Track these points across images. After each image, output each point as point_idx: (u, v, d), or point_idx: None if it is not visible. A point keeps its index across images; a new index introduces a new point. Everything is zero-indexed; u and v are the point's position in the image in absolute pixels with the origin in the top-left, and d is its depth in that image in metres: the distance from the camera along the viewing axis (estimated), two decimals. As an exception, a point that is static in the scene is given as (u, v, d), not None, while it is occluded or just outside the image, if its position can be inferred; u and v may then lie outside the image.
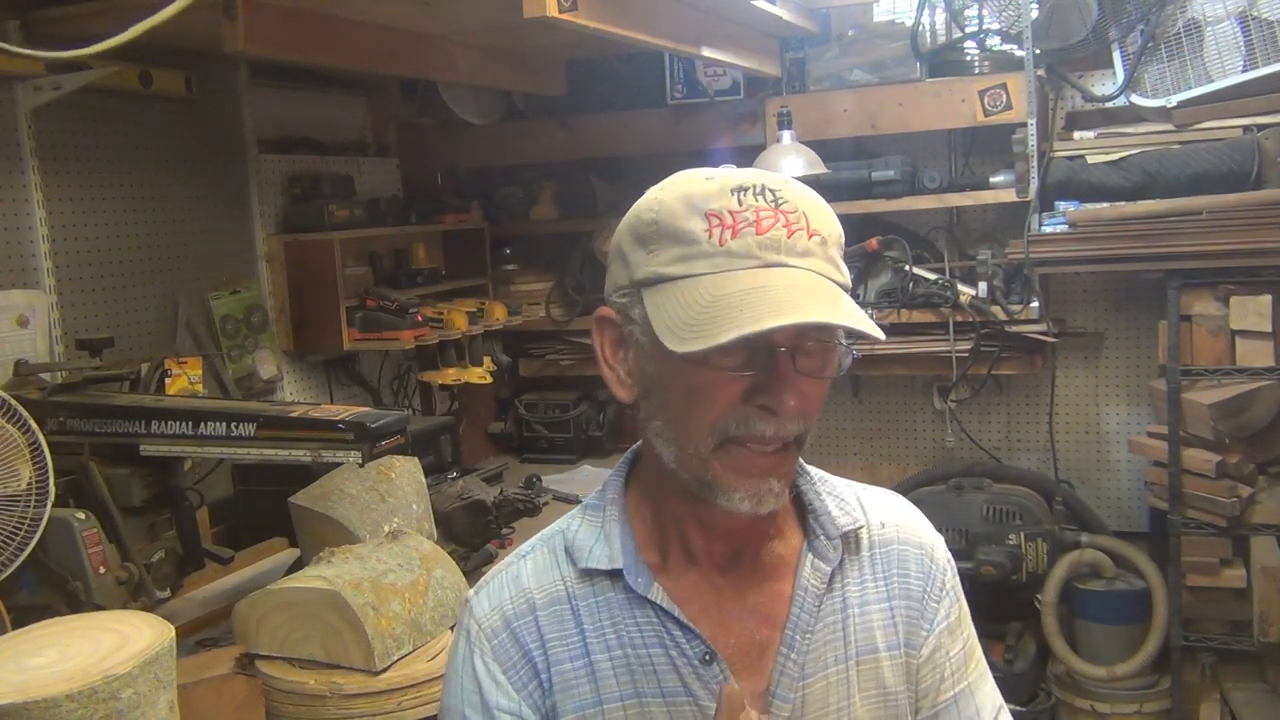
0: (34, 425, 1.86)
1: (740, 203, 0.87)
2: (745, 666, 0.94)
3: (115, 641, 1.44)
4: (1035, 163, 2.95)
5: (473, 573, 2.34)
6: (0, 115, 2.34)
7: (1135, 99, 3.01)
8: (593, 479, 3.36)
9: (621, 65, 3.51)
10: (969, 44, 3.18)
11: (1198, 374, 2.78)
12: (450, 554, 2.18)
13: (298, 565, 2.22)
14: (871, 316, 3.19)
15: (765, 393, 0.86)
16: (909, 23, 3.19)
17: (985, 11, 3.17)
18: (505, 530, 2.61)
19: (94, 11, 2.20)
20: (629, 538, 0.97)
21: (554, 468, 3.50)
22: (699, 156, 3.41)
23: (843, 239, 0.92)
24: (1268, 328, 2.66)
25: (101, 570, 1.90)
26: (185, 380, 2.48)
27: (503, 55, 3.11)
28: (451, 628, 1.97)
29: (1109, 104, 3.13)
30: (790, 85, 3.29)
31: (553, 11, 1.91)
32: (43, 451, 1.86)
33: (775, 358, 0.86)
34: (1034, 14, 2.99)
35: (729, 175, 0.90)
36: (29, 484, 1.83)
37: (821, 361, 0.89)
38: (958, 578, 1.06)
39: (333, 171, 3.28)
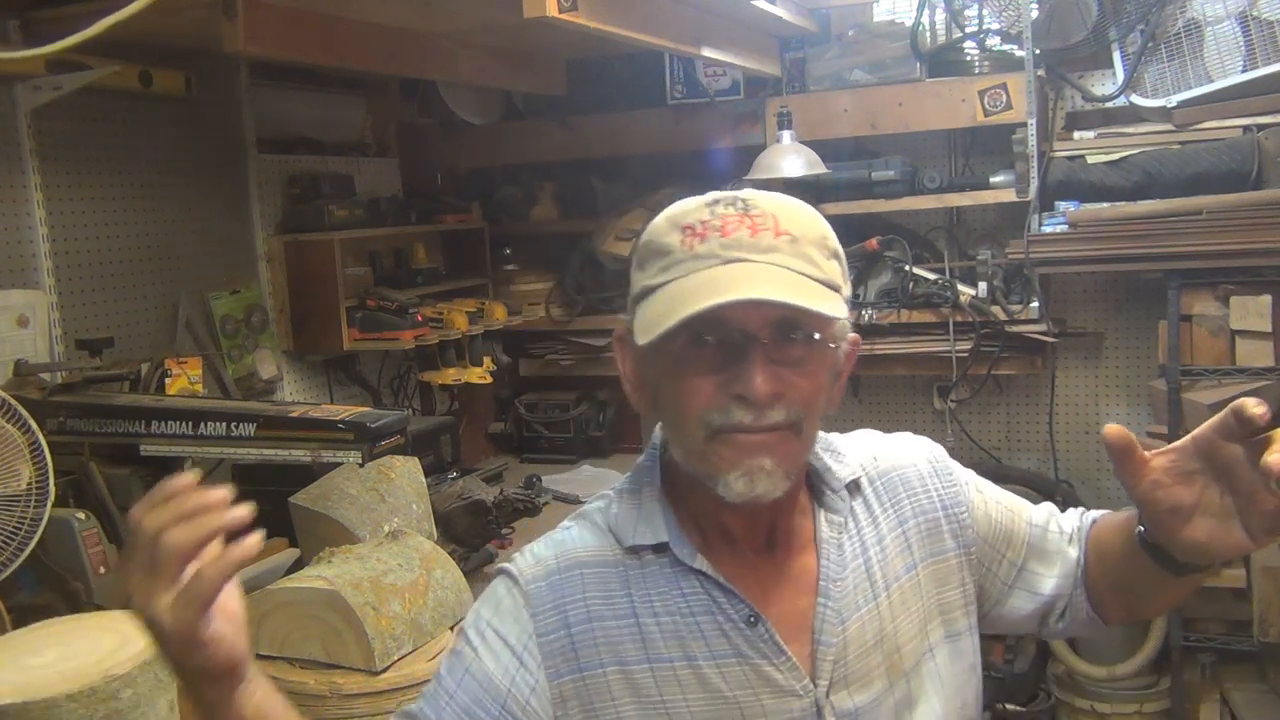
0: (34, 425, 1.86)
1: (712, 214, 0.94)
2: (790, 630, 0.98)
3: (115, 641, 1.44)
4: (1035, 163, 2.95)
5: (473, 573, 2.34)
6: (0, 115, 2.34)
7: (1135, 99, 3.01)
8: (593, 479, 3.36)
9: (621, 65, 3.51)
10: (969, 44, 3.18)
11: (1198, 374, 2.78)
12: (450, 554, 2.18)
13: (298, 565, 2.22)
14: (871, 316, 3.23)
15: (739, 381, 0.91)
16: (909, 23, 3.19)
17: (985, 11, 3.17)
18: (505, 530, 2.61)
19: (94, 11, 2.18)
20: (670, 516, 1.01)
21: (554, 468, 3.50)
22: (699, 156, 3.42)
23: (826, 238, 0.96)
24: (1268, 328, 2.66)
25: (101, 570, 1.90)
26: (185, 380, 2.48)
27: (503, 55, 3.11)
28: (452, 628, 1.97)
29: (1109, 104, 3.13)
30: (790, 85, 3.29)
31: (553, 11, 1.91)
32: (43, 451, 1.86)
33: (748, 348, 0.91)
34: (1034, 14, 2.99)
35: (712, 194, 0.97)
36: (29, 484, 1.83)
37: (803, 353, 0.93)
38: (949, 459, 1.14)
39: (333, 171, 3.28)
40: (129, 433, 2.04)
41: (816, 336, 0.93)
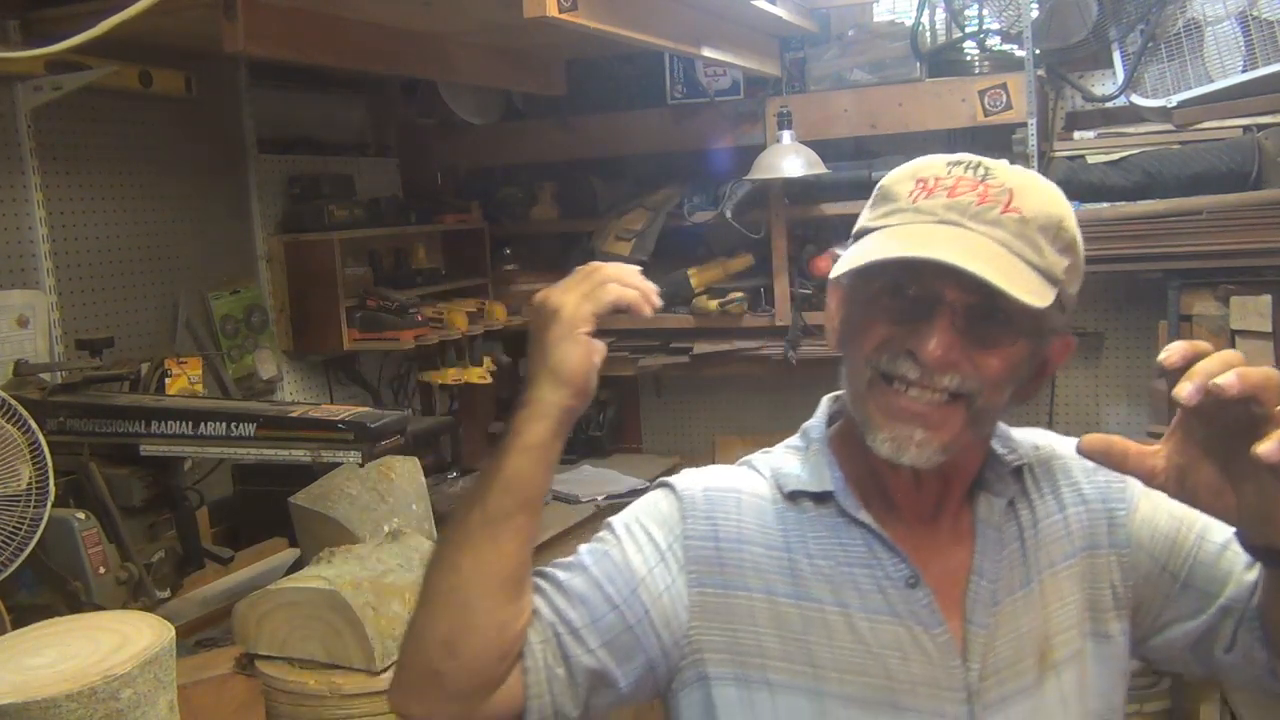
0: (34, 425, 1.86)
1: (948, 172, 0.93)
2: (945, 600, 0.96)
3: (115, 641, 1.44)
4: (1035, 163, 2.94)
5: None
6: (0, 115, 2.34)
7: (1135, 99, 3.01)
8: (593, 479, 3.36)
9: (621, 65, 3.51)
10: (969, 44, 3.18)
11: (1198, 374, 2.77)
12: (450, 554, 2.18)
13: (298, 565, 2.22)
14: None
15: (916, 337, 0.90)
16: (909, 23, 3.19)
17: (985, 11, 3.17)
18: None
19: (94, 11, 2.18)
20: (837, 470, 1.01)
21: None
22: (699, 156, 3.42)
23: (1063, 228, 0.93)
24: (1268, 328, 2.66)
25: (101, 570, 1.90)
26: (185, 380, 2.47)
27: (503, 55, 3.11)
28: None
29: (1109, 104, 3.13)
30: (790, 85, 3.28)
31: (553, 11, 1.91)
32: (43, 451, 1.86)
33: (936, 310, 0.90)
34: (1034, 14, 2.99)
35: (959, 155, 0.96)
36: (29, 484, 1.83)
37: (999, 334, 0.91)
38: None
39: (333, 171, 3.27)
40: (129, 433, 2.04)
41: (1018, 323, 0.91)
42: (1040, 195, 0.93)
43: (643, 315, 0.91)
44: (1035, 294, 0.88)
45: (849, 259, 0.92)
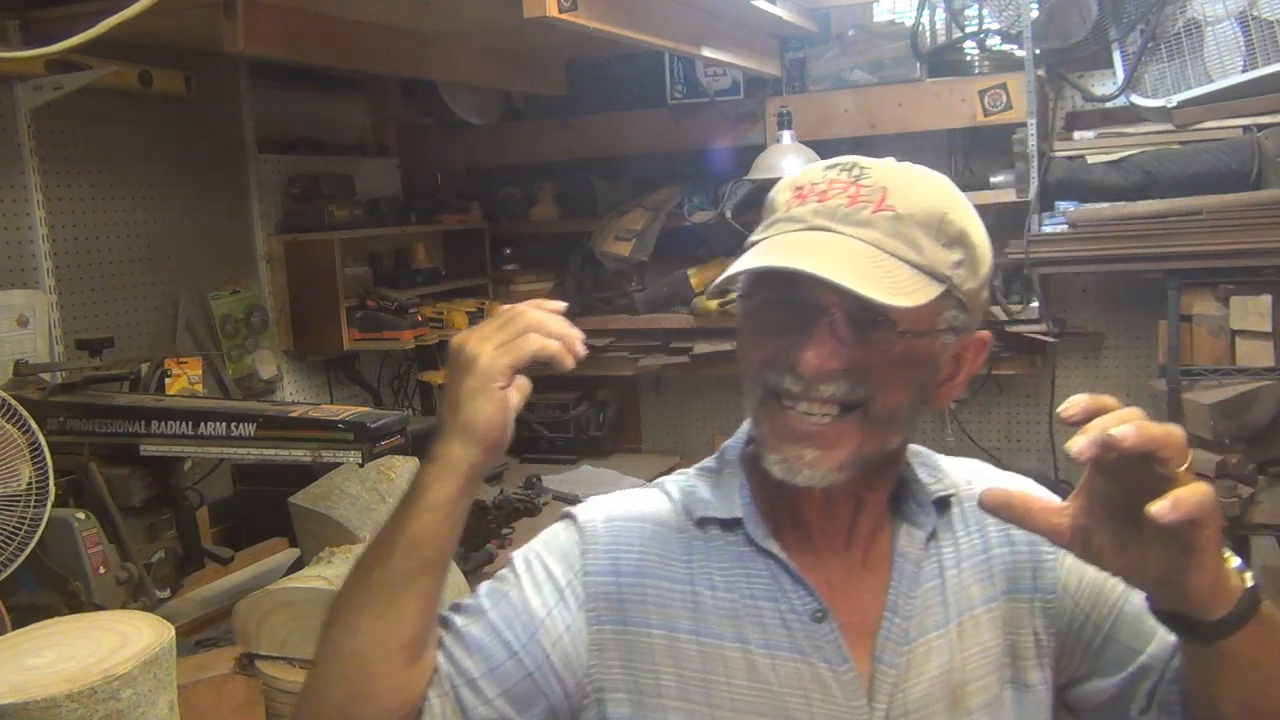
0: (34, 425, 1.86)
1: (824, 177, 0.91)
2: (853, 638, 0.93)
3: (115, 641, 1.44)
4: (1035, 163, 2.95)
5: (473, 573, 2.34)
6: (0, 115, 2.34)
7: (1135, 99, 3.01)
8: (593, 479, 3.35)
9: (621, 65, 3.51)
10: (969, 44, 3.18)
11: (1198, 374, 2.78)
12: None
13: (298, 565, 2.22)
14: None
15: (794, 349, 0.88)
16: (909, 23, 3.19)
17: (985, 11, 3.16)
18: (505, 530, 2.61)
19: (94, 11, 2.18)
20: (748, 496, 0.97)
21: (554, 468, 3.50)
22: (699, 156, 3.42)
23: (944, 219, 0.89)
24: (1268, 328, 2.66)
25: (101, 570, 1.90)
26: (185, 380, 2.47)
27: (503, 55, 3.11)
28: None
29: (1109, 104, 3.13)
30: (790, 85, 3.28)
31: (553, 11, 1.91)
32: (43, 451, 1.86)
33: (813, 320, 0.88)
34: (1034, 14, 2.99)
35: (841, 158, 0.94)
36: (29, 484, 1.83)
37: (883, 337, 0.87)
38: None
39: (333, 171, 3.27)
40: (129, 433, 2.04)
41: (899, 329, 0.87)
42: (920, 190, 0.90)
43: (563, 369, 0.87)
44: (908, 293, 0.84)
45: (723, 276, 0.89)
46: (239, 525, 2.70)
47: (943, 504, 1.00)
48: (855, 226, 0.87)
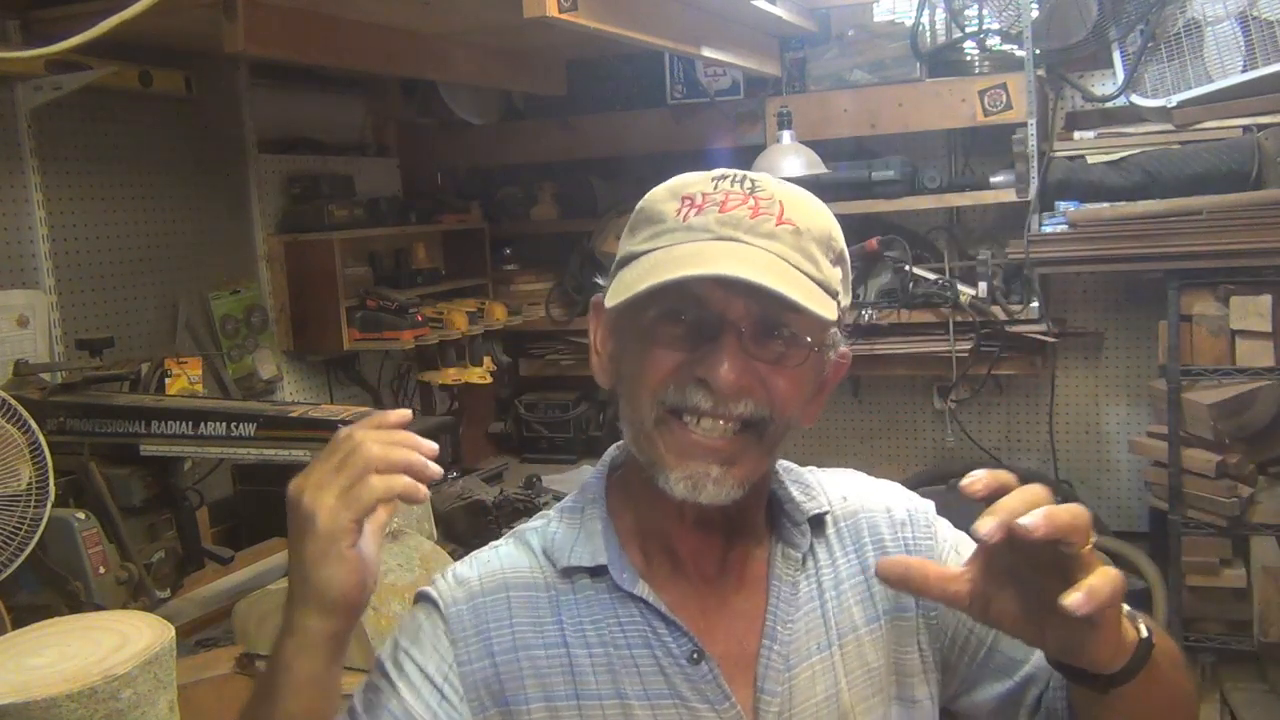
0: (34, 425, 1.86)
1: (715, 187, 0.88)
2: (733, 669, 0.91)
3: (115, 641, 1.44)
4: (1035, 163, 2.95)
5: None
6: (0, 115, 2.34)
7: (1135, 99, 3.01)
8: (593, 479, 3.35)
9: (621, 65, 3.51)
10: (969, 44, 3.18)
11: (1198, 374, 2.78)
12: (450, 554, 2.18)
13: (298, 565, 2.22)
14: (871, 316, 3.23)
15: (705, 364, 0.84)
16: (909, 23, 3.19)
17: (985, 11, 3.16)
18: (505, 530, 2.61)
19: (94, 11, 2.18)
20: (613, 536, 0.93)
21: (554, 468, 3.50)
22: (699, 156, 3.41)
23: (833, 239, 0.89)
24: (1268, 328, 2.66)
25: (101, 570, 1.90)
26: (185, 380, 2.47)
27: (503, 55, 3.11)
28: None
29: (1109, 104, 3.13)
30: (790, 85, 3.29)
31: (553, 11, 1.91)
32: (43, 451, 1.86)
33: (722, 333, 0.85)
34: (1034, 14, 2.99)
35: (720, 170, 0.91)
36: (29, 484, 1.83)
37: (784, 352, 0.86)
38: (939, 519, 1.03)
39: (333, 171, 3.28)
40: (129, 433, 2.04)
41: (806, 339, 0.86)
42: (809, 208, 0.89)
43: (418, 501, 0.81)
44: (822, 306, 0.84)
45: (626, 285, 0.85)
46: (239, 525, 2.70)
47: (817, 522, 0.97)
48: (762, 238, 0.85)
